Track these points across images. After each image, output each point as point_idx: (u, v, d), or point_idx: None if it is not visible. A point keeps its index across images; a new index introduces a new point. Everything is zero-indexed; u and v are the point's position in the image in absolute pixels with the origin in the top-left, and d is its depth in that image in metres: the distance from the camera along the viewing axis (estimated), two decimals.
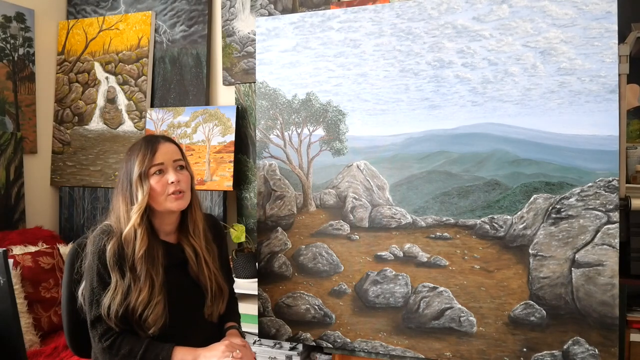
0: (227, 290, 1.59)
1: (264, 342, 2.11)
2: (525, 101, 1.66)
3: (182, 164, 1.51)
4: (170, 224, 1.52)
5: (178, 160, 1.49)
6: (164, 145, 1.48)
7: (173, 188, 1.44)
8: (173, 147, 1.51)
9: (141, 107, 2.67)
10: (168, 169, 1.46)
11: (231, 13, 2.55)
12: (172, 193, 1.44)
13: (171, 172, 1.46)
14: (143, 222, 1.43)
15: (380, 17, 1.80)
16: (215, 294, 1.52)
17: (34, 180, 2.71)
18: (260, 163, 1.98)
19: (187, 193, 1.49)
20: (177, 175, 1.46)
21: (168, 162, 1.46)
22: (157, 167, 1.44)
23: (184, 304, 1.47)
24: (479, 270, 1.71)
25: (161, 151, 1.46)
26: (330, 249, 1.88)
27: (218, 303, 1.54)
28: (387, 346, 1.80)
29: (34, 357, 1.91)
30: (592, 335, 1.59)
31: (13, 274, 2.00)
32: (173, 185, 1.44)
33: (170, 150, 1.49)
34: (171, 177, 1.45)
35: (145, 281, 1.40)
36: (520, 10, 1.65)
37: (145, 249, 1.42)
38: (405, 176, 1.79)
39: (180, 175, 1.47)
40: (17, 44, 2.63)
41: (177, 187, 1.44)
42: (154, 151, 1.45)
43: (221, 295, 1.54)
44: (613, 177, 1.57)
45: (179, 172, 1.48)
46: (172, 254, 1.49)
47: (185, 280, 1.50)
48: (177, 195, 1.45)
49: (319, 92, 1.88)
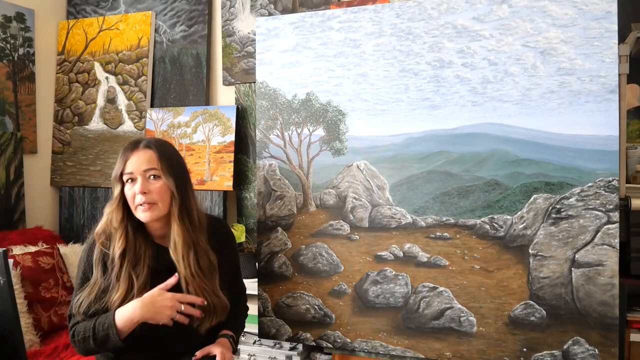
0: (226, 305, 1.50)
1: (264, 342, 2.11)
2: (525, 101, 1.66)
3: (156, 174, 1.43)
4: (157, 229, 1.49)
5: (150, 170, 1.42)
6: (138, 153, 1.43)
7: (138, 200, 1.41)
8: (148, 154, 1.43)
9: (141, 107, 2.67)
10: (137, 178, 1.42)
11: (231, 13, 2.55)
12: (139, 204, 1.41)
13: (140, 182, 1.41)
14: (123, 224, 1.43)
15: (380, 17, 1.80)
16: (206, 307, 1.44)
17: (34, 180, 2.71)
18: (260, 163, 1.98)
19: (160, 205, 1.42)
20: (145, 186, 1.41)
21: (137, 172, 1.41)
22: (128, 175, 1.42)
23: None
24: (479, 270, 1.71)
25: (132, 160, 1.42)
26: (330, 249, 1.88)
27: (209, 316, 1.46)
28: (387, 346, 1.80)
29: (34, 357, 1.91)
30: (592, 335, 1.59)
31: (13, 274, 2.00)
32: (140, 197, 1.40)
33: (143, 159, 1.42)
34: (137, 188, 1.41)
35: (125, 281, 1.40)
36: (520, 10, 1.65)
37: (123, 249, 1.41)
38: (405, 176, 1.79)
39: (150, 185, 1.41)
40: (17, 44, 2.62)
41: (142, 200, 1.40)
42: (125, 159, 1.43)
43: (214, 310, 1.46)
44: (613, 177, 1.57)
45: (149, 182, 1.42)
46: (161, 257, 1.46)
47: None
48: (144, 206, 1.41)
49: (319, 92, 1.88)
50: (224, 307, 1.50)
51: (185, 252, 1.44)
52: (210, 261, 1.49)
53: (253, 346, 2.13)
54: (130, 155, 1.43)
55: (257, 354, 2.11)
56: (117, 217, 1.43)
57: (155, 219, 1.43)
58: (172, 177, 1.44)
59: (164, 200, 1.43)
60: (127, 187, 1.43)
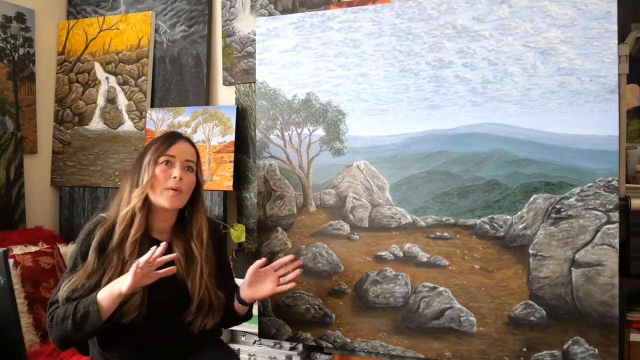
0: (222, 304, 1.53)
1: (264, 342, 2.11)
2: (525, 101, 1.66)
3: (192, 166, 1.52)
4: (164, 221, 1.51)
5: (189, 161, 1.51)
6: (182, 143, 1.52)
7: (172, 183, 1.45)
8: (190, 149, 1.54)
9: (141, 107, 2.67)
10: (176, 164, 1.48)
11: (231, 13, 2.55)
12: (170, 187, 1.44)
13: (178, 168, 1.47)
14: (144, 209, 1.44)
15: (380, 17, 1.80)
16: (203, 305, 1.47)
17: (34, 180, 2.71)
18: (260, 163, 1.98)
19: (185, 195, 1.49)
20: (182, 173, 1.47)
21: (179, 158, 1.48)
22: (167, 157, 1.47)
23: (162, 303, 1.45)
24: (479, 270, 1.71)
25: (177, 147, 1.50)
26: (330, 249, 1.88)
27: (204, 315, 1.48)
28: (387, 346, 1.80)
29: (34, 357, 1.91)
30: (592, 335, 1.59)
31: (13, 274, 2.00)
32: (174, 180, 1.45)
33: (186, 149, 1.52)
34: (175, 172, 1.46)
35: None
36: (520, 10, 1.65)
37: (139, 236, 1.42)
38: (405, 176, 1.79)
39: (185, 174, 1.48)
40: (17, 44, 2.63)
41: (176, 184, 1.45)
42: (170, 144, 1.49)
43: (210, 309, 1.49)
44: (613, 177, 1.57)
45: (185, 172, 1.49)
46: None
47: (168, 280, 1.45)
48: (173, 192, 1.45)
49: (319, 92, 1.88)
50: (221, 306, 1.53)
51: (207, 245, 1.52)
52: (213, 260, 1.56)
53: (253, 346, 2.13)
54: (176, 142, 1.50)
55: (257, 354, 2.11)
56: (142, 201, 1.44)
57: (177, 207, 1.49)
58: (200, 174, 1.56)
59: (189, 193, 1.51)
60: (160, 168, 1.46)
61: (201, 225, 1.53)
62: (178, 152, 1.49)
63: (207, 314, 1.48)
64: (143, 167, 1.46)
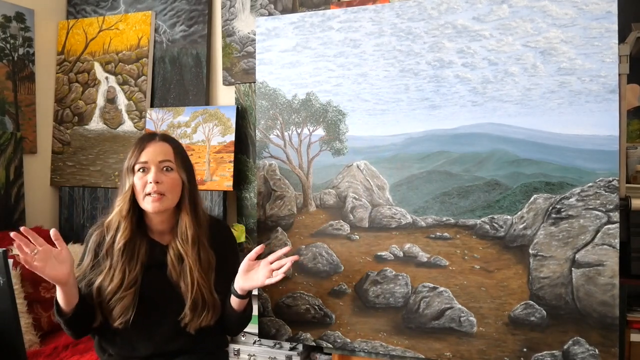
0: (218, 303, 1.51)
1: (264, 342, 2.11)
2: (525, 101, 1.66)
3: (170, 166, 1.47)
4: (160, 223, 1.50)
5: (165, 161, 1.46)
6: (154, 145, 1.47)
7: (149, 188, 1.42)
8: (165, 147, 1.48)
9: (141, 107, 2.67)
10: (151, 168, 1.44)
11: (231, 13, 2.55)
12: (148, 193, 1.43)
13: (153, 172, 1.43)
14: (129, 216, 1.44)
15: (380, 17, 1.80)
16: (197, 304, 1.45)
17: (34, 180, 2.71)
18: (260, 163, 1.97)
19: (170, 196, 1.45)
20: (158, 176, 1.43)
21: (152, 162, 1.44)
22: (141, 164, 1.44)
23: (156, 306, 1.45)
24: (479, 270, 1.71)
25: (148, 150, 1.46)
26: (330, 249, 1.88)
27: (200, 315, 1.46)
28: (387, 346, 1.80)
29: (34, 357, 1.91)
30: (592, 335, 1.59)
31: (13, 274, 2.00)
32: (150, 185, 1.42)
33: (159, 150, 1.46)
34: (150, 177, 1.43)
35: (119, 273, 1.41)
36: (520, 10, 1.65)
37: (124, 243, 1.43)
38: (405, 176, 1.79)
39: (162, 176, 1.44)
40: (17, 44, 2.62)
41: (154, 189, 1.42)
42: (141, 149, 1.46)
43: (205, 308, 1.47)
44: (613, 177, 1.57)
45: (163, 173, 1.45)
46: (154, 254, 1.48)
47: (162, 282, 1.46)
48: (154, 196, 1.42)
49: (319, 92, 1.88)
50: (216, 307, 1.51)
51: (193, 243, 1.47)
52: (209, 259, 1.52)
53: (253, 346, 2.13)
54: (147, 146, 1.46)
55: (257, 354, 2.11)
56: (126, 208, 1.44)
57: (162, 210, 1.45)
58: (184, 171, 1.50)
59: (173, 193, 1.46)
60: (138, 176, 1.44)
61: (184, 223, 1.48)
62: (150, 156, 1.45)
63: (201, 312, 1.47)
64: (122, 176, 1.48)
